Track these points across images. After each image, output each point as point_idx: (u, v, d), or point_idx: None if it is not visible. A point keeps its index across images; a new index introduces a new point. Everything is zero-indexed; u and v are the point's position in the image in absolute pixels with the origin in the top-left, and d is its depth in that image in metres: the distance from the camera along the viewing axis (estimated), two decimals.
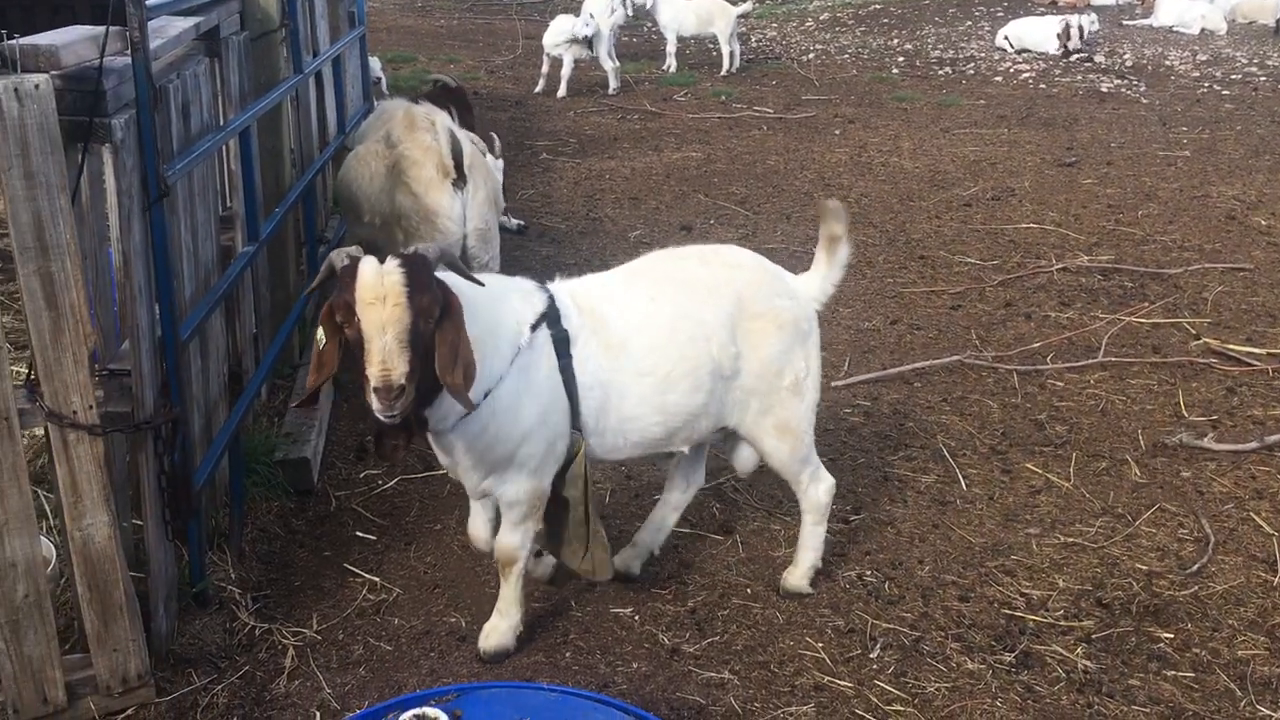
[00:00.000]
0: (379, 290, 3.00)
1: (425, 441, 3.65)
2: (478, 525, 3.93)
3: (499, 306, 3.47)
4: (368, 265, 3.05)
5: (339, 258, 3.17)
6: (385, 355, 2.98)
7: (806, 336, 4.04)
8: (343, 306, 3.08)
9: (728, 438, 4.14)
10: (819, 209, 4.19)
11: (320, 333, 3.22)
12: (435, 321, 3.08)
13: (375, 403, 3.03)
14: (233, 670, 3.75)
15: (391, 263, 3.05)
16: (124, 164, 3.31)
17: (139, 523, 3.76)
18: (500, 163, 8.24)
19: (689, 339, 3.73)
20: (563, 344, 3.51)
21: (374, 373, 2.99)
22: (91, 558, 3.33)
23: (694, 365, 3.73)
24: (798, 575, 4.27)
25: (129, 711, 3.51)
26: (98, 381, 3.36)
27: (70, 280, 3.10)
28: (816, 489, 4.20)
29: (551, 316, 3.52)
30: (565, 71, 14.78)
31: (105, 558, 3.34)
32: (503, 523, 3.71)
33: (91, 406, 3.21)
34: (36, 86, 2.94)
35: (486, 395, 3.36)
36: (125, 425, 3.40)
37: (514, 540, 3.71)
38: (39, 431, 3.73)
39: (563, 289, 3.69)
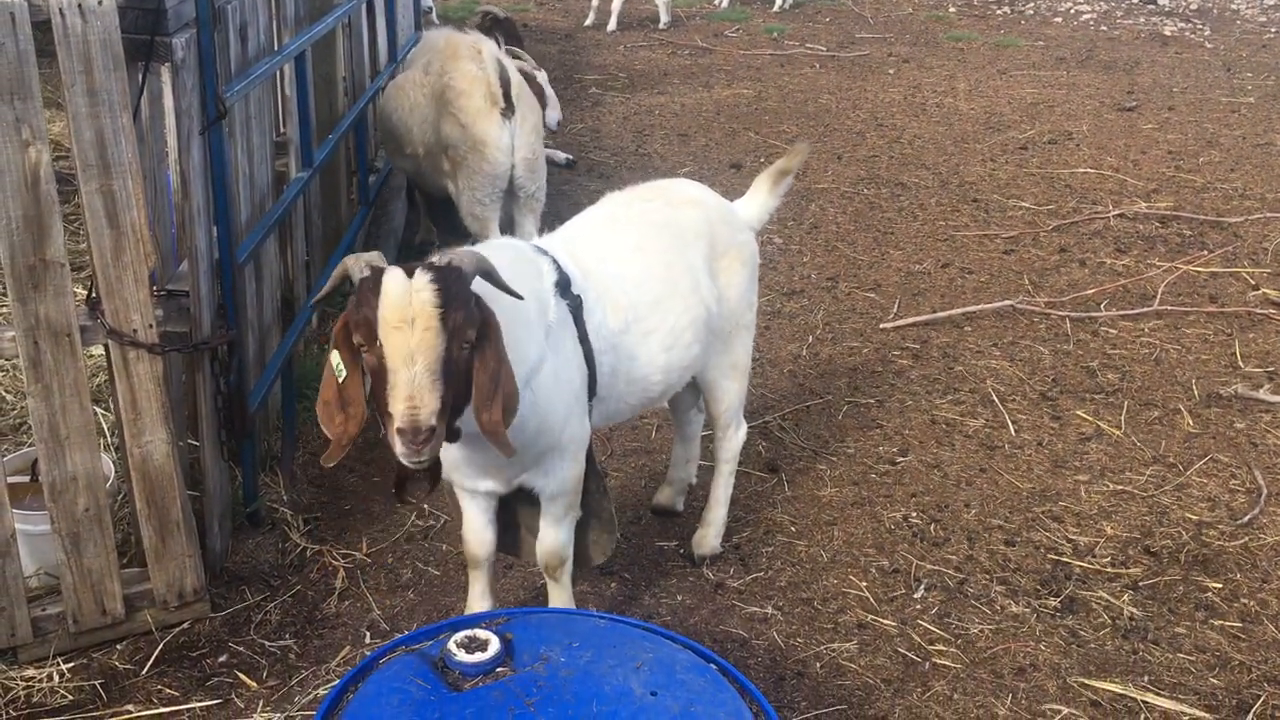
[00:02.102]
0: (407, 310, 2.52)
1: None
2: (480, 528, 3.41)
3: (525, 285, 3.00)
4: (394, 279, 2.56)
5: (356, 266, 2.68)
6: (413, 390, 2.52)
7: (757, 267, 3.93)
8: (363, 326, 2.60)
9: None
10: (793, 148, 4.05)
11: (335, 359, 2.73)
12: (472, 346, 2.65)
13: (399, 446, 2.56)
14: (285, 589, 3.82)
15: (422, 276, 2.56)
16: (184, 84, 3.32)
17: (194, 443, 3.82)
18: (543, 74, 8.16)
19: (689, 289, 3.51)
20: (577, 311, 3.19)
21: (399, 410, 2.54)
22: (150, 474, 3.39)
23: (694, 316, 3.51)
24: (712, 535, 4.09)
25: (184, 625, 3.59)
26: (156, 301, 3.39)
27: (132, 199, 3.12)
28: (739, 433, 4.06)
29: (563, 283, 3.17)
30: (616, 5, 14.59)
31: (163, 475, 3.39)
32: (544, 521, 3.34)
33: (151, 325, 3.25)
34: (100, 3, 2.94)
35: (527, 382, 2.96)
36: (183, 345, 3.44)
37: (561, 537, 3.35)
38: (95, 351, 3.80)
39: (558, 248, 3.32)
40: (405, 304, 2.53)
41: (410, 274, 2.57)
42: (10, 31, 2.87)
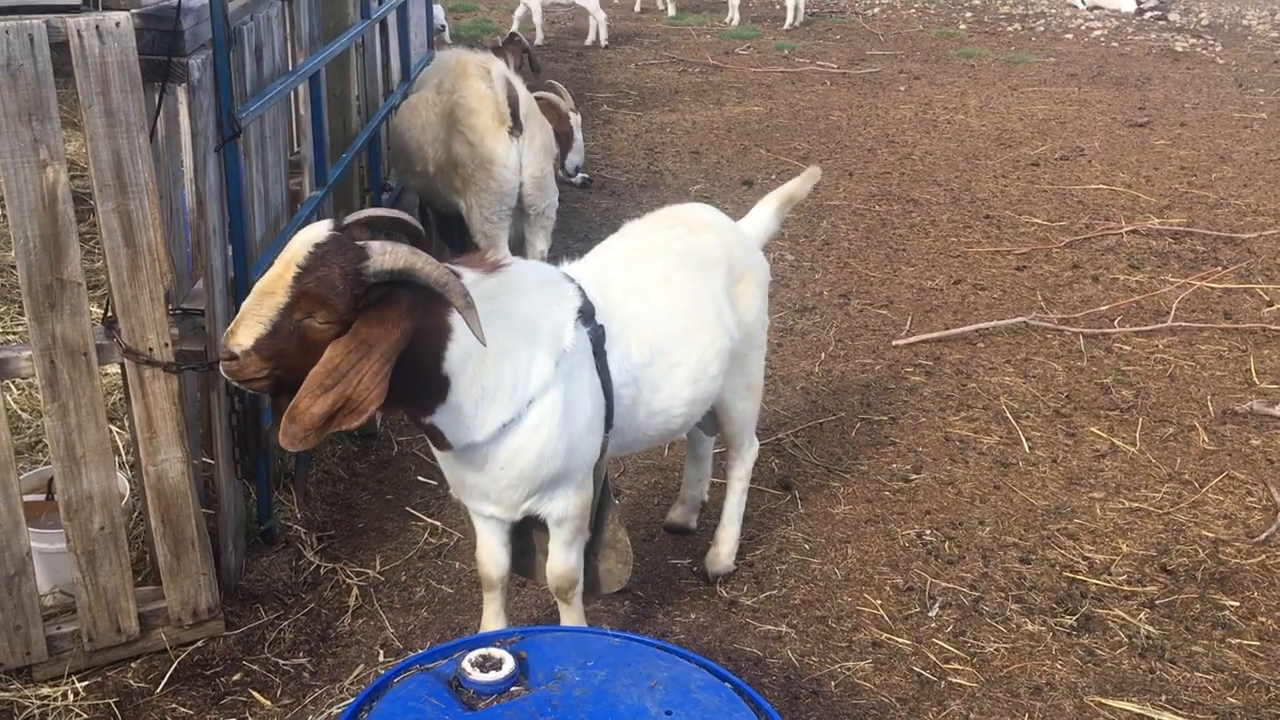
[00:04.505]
0: (284, 255, 2.61)
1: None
2: (494, 550, 3.38)
3: (538, 305, 3.01)
4: (313, 226, 2.66)
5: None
6: (241, 315, 2.61)
7: (768, 286, 3.89)
8: None
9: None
10: (806, 171, 4.06)
11: None
12: (326, 323, 2.59)
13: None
14: (299, 607, 3.83)
15: (317, 239, 2.60)
16: (200, 104, 3.34)
17: (209, 461, 3.84)
18: (578, 117, 8.20)
19: (715, 319, 3.47)
20: (600, 341, 3.14)
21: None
22: (165, 492, 3.40)
23: (719, 347, 3.47)
24: (725, 553, 4.07)
25: (199, 643, 3.59)
26: (171, 320, 3.40)
27: (148, 219, 3.14)
28: (751, 451, 4.05)
29: (587, 312, 3.11)
30: (537, 19, 14.80)
31: (178, 493, 3.40)
32: (553, 545, 3.29)
33: (167, 344, 3.27)
34: (117, 24, 2.97)
35: (530, 404, 2.94)
36: (199, 364, 3.45)
37: (570, 561, 3.31)
38: (111, 369, 3.81)
39: (584, 276, 3.27)
40: (289, 249, 2.61)
41: (327, 233, 2.64)
42: (29, 53, 2.90)
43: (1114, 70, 13.58)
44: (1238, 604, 3.98)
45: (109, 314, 3.24)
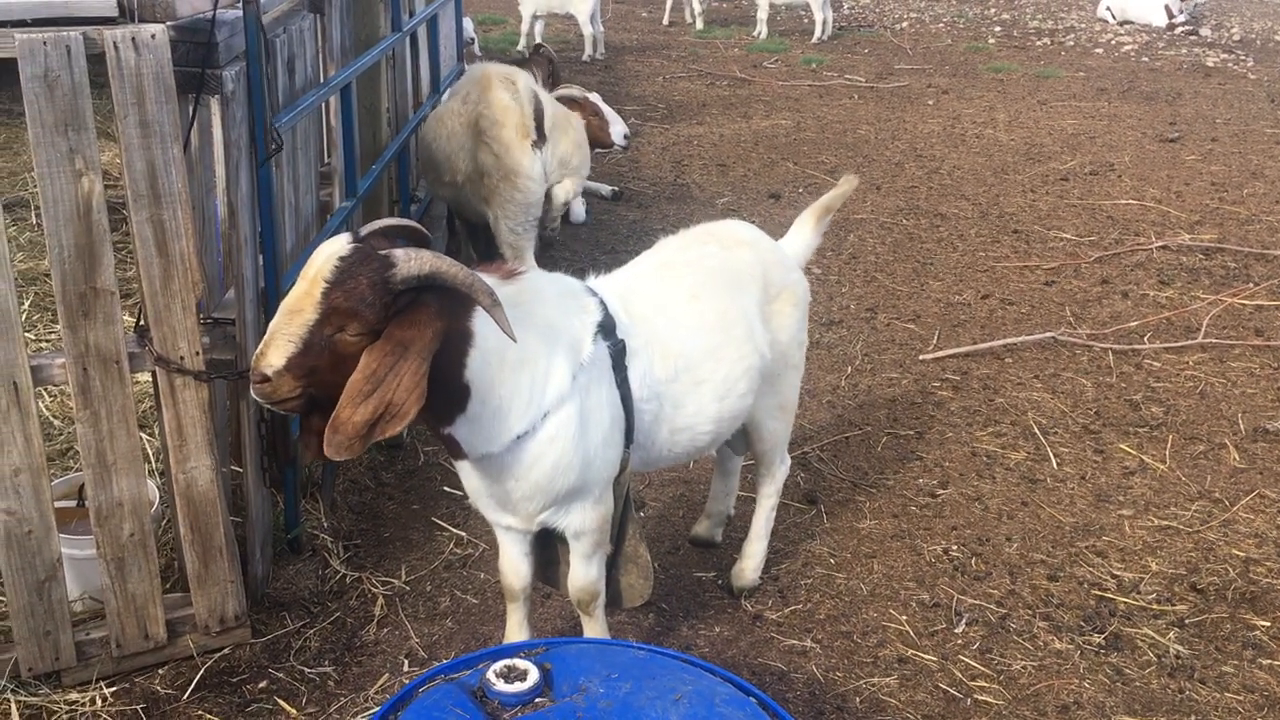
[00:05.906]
0: (309, 271, 2.61)
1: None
2: (515, 560, 3.39)
3: (556, 317, 3.02)
4: (330, 241, 2.67)
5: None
6: (269, 336, 2.60)
7: (807, 307, 3.85)
8: None
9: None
10: (842, 180, 4.04)
11: None
12: (358, 335, 2.60)
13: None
14: (324, 616, 3.84)
15: (340, 252, 2.61)
16: (233, 116, 3.37)
17: (237, 469, 3.86)
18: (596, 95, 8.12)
19: (744, 337, 3.44)
20: (620, 356, 3.13)
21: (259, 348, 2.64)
22: (194, 500, 3.42)
23: (748, 365, 3.44)
24: (750, 568, 4.06)
25: (225, 650, 3.61)
26: (202, 329, 3.43)
27: (181, 228, 3.17)
28: (782, 469, 4.03)
29: (607, 326, 3.11)
30: (524, 26, 14.99)
31: (207, 501, 3.43)
32: (572, 558, 3.30)
33: (198, 353, 3.29)
34: (153, 36, 3.00)
35: (545, 416, 2.93)
36: (229, 372, 3.48)
37: (591, 574, 3.31)
38: (141, 377, 3.85)
39: (609, 291, 3.27)
40: (313, 265, 2.61)
41: (349, 245, 2.64)
42: (66, 64, 2.94)
43: (1144, 85, 13.50)
44: (1269, 624, 3.94)
45: (141, 322, 3.27)
